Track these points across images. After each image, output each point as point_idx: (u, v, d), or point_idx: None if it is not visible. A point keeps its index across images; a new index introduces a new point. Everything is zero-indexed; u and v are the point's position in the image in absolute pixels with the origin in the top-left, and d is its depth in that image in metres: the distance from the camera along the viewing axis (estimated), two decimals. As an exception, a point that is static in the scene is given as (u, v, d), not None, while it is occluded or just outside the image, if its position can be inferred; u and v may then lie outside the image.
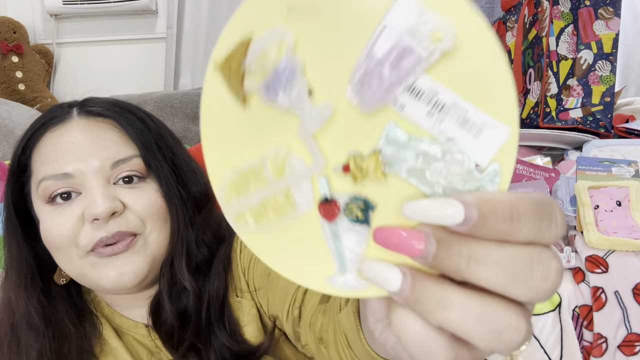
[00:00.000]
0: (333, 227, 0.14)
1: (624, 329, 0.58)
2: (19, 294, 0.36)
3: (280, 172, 0.15)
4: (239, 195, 0.15)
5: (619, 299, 0.58)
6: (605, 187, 0.66)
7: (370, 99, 0.13)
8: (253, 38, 0.14)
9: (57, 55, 1.56)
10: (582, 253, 0.62)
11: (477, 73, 0.12)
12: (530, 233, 0.12)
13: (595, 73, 0.78)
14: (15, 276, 0.36)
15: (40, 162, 0.35)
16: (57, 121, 0.36)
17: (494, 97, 0.12)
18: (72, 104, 0.39)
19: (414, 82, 0.13)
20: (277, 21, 0.14)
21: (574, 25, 0.78)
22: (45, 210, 0.35)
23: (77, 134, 0.35)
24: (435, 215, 0.12)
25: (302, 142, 0.14)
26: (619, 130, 0.81)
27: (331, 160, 0.14)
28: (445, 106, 0.13)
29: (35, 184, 0.35)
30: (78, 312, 0.38)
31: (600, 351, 0.57)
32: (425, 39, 0.12)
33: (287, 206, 0.15)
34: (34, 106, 1.44)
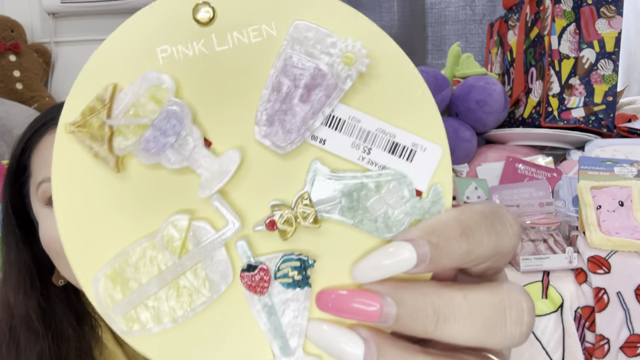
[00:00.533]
0: (265, 300, 0.12)
1: (627, 330, 0.57)
2: (18, 296, 0.35)
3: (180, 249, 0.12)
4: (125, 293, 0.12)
5: (621, 300, 0.58)
6: (607, 187, 0.66)
7: (285, 139, 0.11)
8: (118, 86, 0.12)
9: (55, 54, 1.56)
10: (585, 254, 0.61)
11: (396, 93, 0.11)
12: (489, 243, 0.11)
13: (598, 72, 0.77)
14: (15, 278, 0.35)
15: (40, 163, 0.35)
16: (57, 121, 0.35)
17: (419, 117, 0.11)
18: None
19: (332, 113, 0.11)
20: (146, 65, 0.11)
21: (576, 24, 0.78)
22: (45, 213, 0.34)
23: None
24: (388, 268, 0.11)
25: (207, 204, 0.12)
26: (621, 129, 0.81)
27: (249, 218, 0.12)
28: (370, 134, 0.11)
29: (35, 186, 0.35)
30: (77, 314, 0.37)
31: (603, 352, 0.57)
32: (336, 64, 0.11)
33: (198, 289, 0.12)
34: (31, 105, 1.43)
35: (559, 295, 0.59)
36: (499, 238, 0.12)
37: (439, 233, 0.11)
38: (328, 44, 0.11)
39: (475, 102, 0.80)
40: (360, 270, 0.11)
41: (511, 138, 0.83)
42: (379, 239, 0.12)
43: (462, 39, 1.43)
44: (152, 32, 0.12)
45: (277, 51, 0.11)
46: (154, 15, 0.12)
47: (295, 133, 0.11)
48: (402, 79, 0.11)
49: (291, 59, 0.11)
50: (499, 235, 0.12)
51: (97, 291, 0.12)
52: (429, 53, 1.45)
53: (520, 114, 0.88)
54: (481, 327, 0.11)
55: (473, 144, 0.81)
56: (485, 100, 0.80)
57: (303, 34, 0.11)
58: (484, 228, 0.11)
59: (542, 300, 0.59)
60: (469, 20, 1.43)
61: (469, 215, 0.11)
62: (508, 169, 0.74)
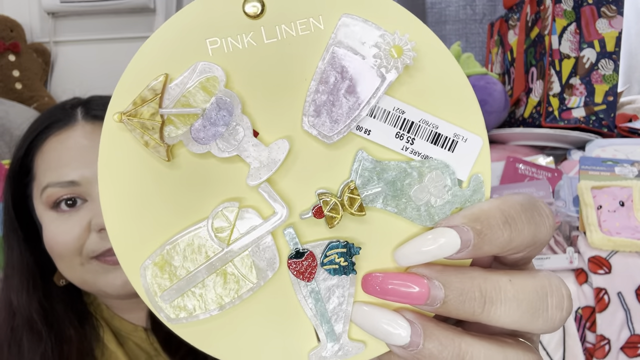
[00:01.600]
0: (312, 286, 0.12)
1: (627, 331, 0.57)
2: (21, 297, 0.35)
3: (229, 237, 0.12)
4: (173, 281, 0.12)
5: (622, 300, 0.58)
6: (608, 187, 0.66)
7: (332, 129, 0.11)
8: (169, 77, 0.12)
9: (54, 54, 1.55)
10: (585, 254, 0.61)
11: (439, 86, 0.12)
12: (529, 232, 0.12)
13: (598, 72, 0.77)
14: (18, 279, 0.35)
15: (44, 167, 0.35)
16: (62, 125, 0.35)
17: (460, 109, 0.12)
18: (75, 104, 0.38)
19: (377, 104, 0.11)
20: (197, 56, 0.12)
21: (577, 24, 0.78)
22: (50, 217, 0.34)
23: (82, 139, 0.35)
24: (430, 252, 0.11)
25: (255, 192, 0.12)
26: (622, 129, 0.81)
27: (296, 206, 0.12)
28: (414, 124, 0.12)
29: (39, 190, 0.34)
30: (78, 314, 0.37)
31: (603, 353, 0.57)
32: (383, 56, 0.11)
33: (245, 276, 0.12)
34: (31, 105, 1.43)
35: (559, 296, 0.59)
36: (538, 229, 0.12)
37: (482, 220, 0.11)
38: (375, 36, 0.11)
39: (475, 102, 0.80)
40: (402, 254, 0.11)
41: (512, 138, 0.83)
42: (422, 227, 0.12)
43: (462, 38, 1.43)
44: (202, 24, 0.12)
45: (325, 44, 0.12)
46: (204, 8, 0.12)
47: (342, 123, 0.11)
48: (445, 72, 0.12)
49: (338, 52, 0.11)
50: (537, 226, 0.12)
51: (145, 279, 0.12)
52: (429, 53, 1.44)
53: (520, 113, 0.88)
54: (526, 311, 0.11)
55: (473, 144, 0.81)
56: (486, 100, 0.80)
57: (351, 27, 0.11)
58: (525, 218, 0.12)
59: (543, 301, 0.59)
60: (470, 20, 1.42)
61: (511, 205, 0.12)
62: (508, 169, 0.73)
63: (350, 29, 0.11)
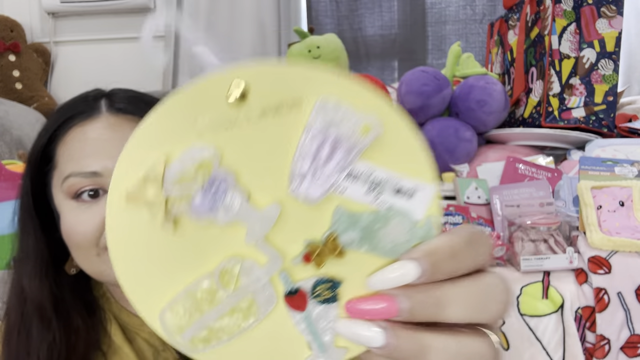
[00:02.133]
0: (305, 314, 0.15)
1: (627, 331, 0.57)
2: (33, 283, 0.35)
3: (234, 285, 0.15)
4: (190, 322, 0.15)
5: (622, 300, 0.58)
6: (608, 187, 0.66)
7: (315, 192, 0.14)
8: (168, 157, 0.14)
9: (54, 54, 1.55)
10: (585, 254, 0.61)
11: (401, 150, 0.15)
12: (471, 262, 0.16)
13: (598, 72, 0.77)
14: (31, 265, 0.35)
15: (67, 157, 0.35)
16: (85, 116, 0.36)
17: (418, 166, 0.15)
18: (98, 95, 0.38)
19: (352, 168, 0.14)
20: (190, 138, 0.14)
21: (577, 24, 0.78)
22: (69, 206, 0.34)
23: (105, 131, 0.35)
24: (396, 279, 0.15)
25: (252, 247, 0.15)
26: (622, 129, 0.81)
27: (288, 254, 0.15)
28: (381, 181, 0.15)
29: (61, 179, 0.35)
30: (86, 305, 0.38)
31: (603, 353, 0.57)
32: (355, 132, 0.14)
33: (249, 311, 0.15)
34: (31, 105, 1.43)
35: (559, 296, 0.59)
36: (478, 257, 0.16)
37: (435, 254, 0.15)
38: (349, 116, 0.14)
39: (475, 102, 0.80)
40: (375, 282, 0.15)
41: (511, 138, 0.83)
42: (389, 260, 0.15)
43: (462, 38, 1.43)
44: (194, 105, 0.14)
45: (306, 121, 0.14)
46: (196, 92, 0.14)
47: (322, 189, 0.14)
48: (406, 138, 0.15)
49: (318, 128, 0.14)
50: (478, 254, 0.16)
51: (165, 323, 0.15)
52: (429, 53, 1.45)
53: (520, 113, 0.88)
54: (473, 308, 0.15)
55: (473, 144, 0.81)
56: (486, 100, 0.80)
57: (328, 107, 0.14)
58: (467, 251, 0.15)
59: (543, 301, 0.59)
60: (469, 20, 1.42)
61: (457, 241, 0.15)
62: (508, 169, 0.73)
63: (328, 108, 0.14)
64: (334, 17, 1.47)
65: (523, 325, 0.59)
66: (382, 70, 1.49)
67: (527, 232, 0.64)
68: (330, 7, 1.47)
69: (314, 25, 1.44)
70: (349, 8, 1.46)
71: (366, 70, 1.49)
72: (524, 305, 0.59)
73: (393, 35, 1.46)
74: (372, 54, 1.47)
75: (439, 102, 0.81)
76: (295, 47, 0.88)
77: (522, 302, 0.59)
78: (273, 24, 1.45)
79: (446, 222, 0.70)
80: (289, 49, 0.90)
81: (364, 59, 1.48)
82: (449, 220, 0.70)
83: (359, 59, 1.48)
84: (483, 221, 0.70)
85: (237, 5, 1.46)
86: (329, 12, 1.47)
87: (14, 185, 0.79)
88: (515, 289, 0.60)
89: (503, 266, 0.65)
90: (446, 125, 0.80)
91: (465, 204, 0.71)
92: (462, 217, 0.69)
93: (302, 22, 1.48)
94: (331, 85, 0.14)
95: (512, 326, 0.59)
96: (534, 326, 0.59)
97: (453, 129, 0.79)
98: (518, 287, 0.60)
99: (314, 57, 0.84)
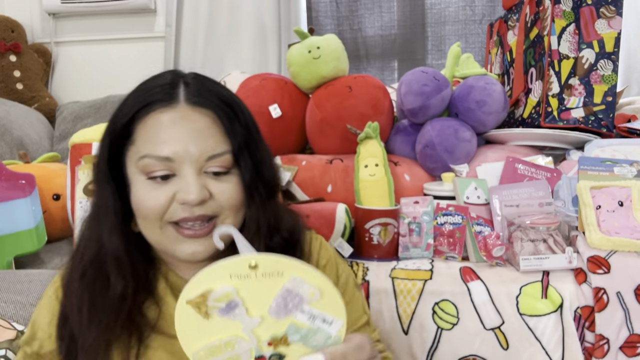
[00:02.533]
0: None
1: (626, 330, 0.57)
2: (113, 237, 0.41)
3: (233, 346, 0.30)
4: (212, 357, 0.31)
5: (621, 300, 0.58)
6: (607, 187, 0.66)
7: (281, 314, 0.30)
8: (211, 290, 0.29)
9: (55, 54, 1.56)
10: (584, 254, 0.61)
11: (328, 301, 0.30)
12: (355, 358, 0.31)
13: (597, 72, 0.78)
14: (110, 220, 0.41)
15: (145, 138, 0.40)
16: (165, 104, 0.40)
17: (336, 309, 0.30)
18: (176, 83, 0.42)
19: (302, 307, 0.30)
20: (225, 280, 0.29)
21: (576, 24, 0.78)
22: (141, 181, 0.40)
23: (181, 120, 0.40)
24: None
25: (244, 333, 0.30)
26: (621, 129, 0.81)
27: (261, 339, 0.30)
28: (316, 315, 0.30)
29: (137, 156, 0.40)
30: (146, 261, 0.43)
31: (602, 352, 0.57)
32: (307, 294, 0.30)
33: None
34: (32, 105, 1.43)
35: (558, 295, 0.59)
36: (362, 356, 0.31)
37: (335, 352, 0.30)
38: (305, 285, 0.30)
39: (475, 103, 0.80)
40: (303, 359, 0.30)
41: (511, 138, 0.83)
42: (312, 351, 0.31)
43: (461, 39, 1.43)
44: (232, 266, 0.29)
45: (283, 283, 0.29)
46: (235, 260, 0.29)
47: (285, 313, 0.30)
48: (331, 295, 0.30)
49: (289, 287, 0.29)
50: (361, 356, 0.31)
51: (195, 356, 0.30)
52: (429, 53, 1.45)
53: (520, 114, 0.88)
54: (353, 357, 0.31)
55: (473, 144, 0.81)
56: (485, 101, 0.80)
57: (297, 280, 0.29)
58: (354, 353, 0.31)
59: (542, 300, 0.59)
60: (469, 21, 1.43)
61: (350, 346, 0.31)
62: (508, 169, 0.74)
63: (295, 280, 0.29)
64: (334, 18, 1.48)
65: (522, 325, 0.59)
66: (382, 70, 1.49)
67: (527, 232, 0.64)
68: (330, 7, 1.48)
69: (314, 26, 1.44)
70: (349, 9, 1.46)
71: (366, 70, 1.49)
72: (523, 305, 0.59)
73: (393, 35, 1.46)
74: (372, 55, 1.48)
75: (439, 103, 0.81)
76: (295, 47, 0.88)
77: (521, 302, 0.59)
78: (273, 25, 1.46)
79: (446, 222, 0.71)
80: (289, 49, 0.90)
81: (364, 60, 1.48)
82: (449, 220, 0.70)
83: (359, 59, 1.48)
84: (483, 221, 0.70)
85: (238, 6, 1.46)
86: (329, 13, 1.48)
87: (15, 185, 0.79)
88: (515, 288, 0.60)
89: (502, 266, 0.65)
90: (446, 125, 0.80)
91: (465, 204, 0.71)
92: (461, 217, 0.70)
93: (302, 22, 1.48)
94: (300, 269, 0.29)
95: (512, 326, 0.59)
96: (533, 326, 0.59)
97: (453, 129, 0.79)
98: (517, 287, 0.60)
99: (314, 58, 0.84)
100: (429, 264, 0.66)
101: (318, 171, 0.79)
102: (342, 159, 0.81)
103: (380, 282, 0.63)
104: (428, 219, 0.70)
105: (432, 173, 0.82)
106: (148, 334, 0.41)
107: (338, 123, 0.81)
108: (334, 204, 0.71)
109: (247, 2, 1.47)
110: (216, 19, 1.47)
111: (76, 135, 0.87)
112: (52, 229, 0.86)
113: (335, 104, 0.81)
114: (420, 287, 0.62)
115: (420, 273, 0.64)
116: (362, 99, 0.81)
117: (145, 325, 0.41)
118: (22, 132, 1.25)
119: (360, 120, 0.79)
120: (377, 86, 0.84)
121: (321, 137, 0.84)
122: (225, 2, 1.47)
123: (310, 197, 0.76)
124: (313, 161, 0.80)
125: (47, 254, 0.82)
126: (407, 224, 0.70)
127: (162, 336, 0.42)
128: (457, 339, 0.60)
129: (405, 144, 0.86)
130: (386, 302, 0.62)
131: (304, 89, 0.89)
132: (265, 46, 1.48)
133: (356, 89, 0.82)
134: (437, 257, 0.70)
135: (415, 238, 0.70)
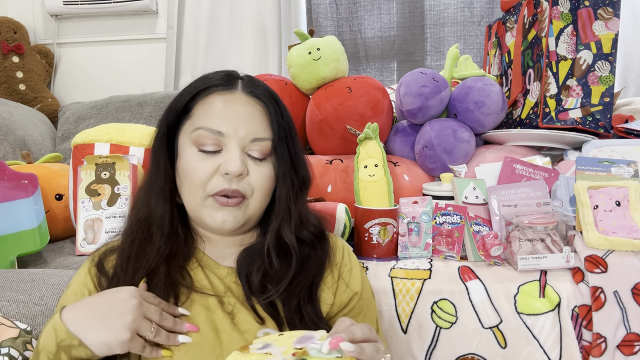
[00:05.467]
0: None
1: (623, 329, 0.58)
2: (159, 201, 0.46)
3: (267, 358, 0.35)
4: None
5: (618, 299, 0.58)
6: (604, 187, 0.66)
7: None
8: None
9: (57, 56, 1.57)
10: (582, 253, 0.62)
11: None
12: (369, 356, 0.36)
13: (595, 73, 0.78)
14: (160, 186, 0.46)
15: (202, 113, 0.46)
16: (225, 88, 0.47)
17: None
18: (235, 75, 0.49)
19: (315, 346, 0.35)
20: None
21: (574, 26, 0.78)
22: (192, 151, 0.45)
23: (236, 104, 0.46)
24: None
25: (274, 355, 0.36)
26: (618, 130, 0.81)
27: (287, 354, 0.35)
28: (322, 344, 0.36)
29: (192, 128, 0.45)
30: (185, 230, 0.48)
31: (600, 351, 0.57)
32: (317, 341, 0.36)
33: None
34: (34, 106, 1.44)
35: (556, 294, 0.60)
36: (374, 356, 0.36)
37: None
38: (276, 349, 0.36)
39: (473, 103, 0.81)
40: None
41: (509, 139, 0.84)
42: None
43: (460, 40, 1.44)
44: None
45: None
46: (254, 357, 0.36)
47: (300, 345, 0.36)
48: None
49: None
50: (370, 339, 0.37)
51: None
52: (428, 54, 1.46)
53: (518, 114, 0.88)
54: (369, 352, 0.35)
55: (471, 145, 0.81)
56: (484, 102, 0.81)
57: None
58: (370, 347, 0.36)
59: (540, 299, 0.60)
60: (467, 22, 1.43)
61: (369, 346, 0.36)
62: (506, 169, 0.74)
63: None
64: (333, 20, 1.48)
65: (520, 324, 0.59)
66: (381, 71, 1.49)
67: (525, 232, 0.64)
68: (330, 9, 1.48)
69: (314, 27, 1.45)
70: (348, 10, 1.47)
71: (365, 71, 1.50)
72: (521, 304, 0.60)
73: (392, 37, 1.47)
74: (372, 56, 1.48)
75: (438, 103, 0.82)
76: (296, 49, 0.88)
77: (519, 301, 0.60)
78: (274, 26, 1.47)
79: (444, 222, 0.71)
80: (289, 50, 0.90)
81: (364, 61, 1.49)
82: (448, 220, 0.71)
83: (358, 60, 1.49)
84: (481, 220, 0.71)
85: (238, 8, 1.47)
86: (329, 15, 1.48)
87: (18, 185, 0.79)
88: (513, 287, 0.61)
89: (501, 265, 0.65)
90: (444, 126, 0.80)
91: (464, 203, 0.71)
92: (460, 216, 0.70)
93: (302, 24, 1.49)
94: None
95: (509, 325, 0.60)
96: (531, 325, 0.59)
97: (451, 129, 0.80)
98: (515, 286, 0.61)
99: (314, 59, 0.85)
100: (428, 264, 0.66)
101: (318, 171, 0.79)
102: (341, 159, 0.82)
103: (380, 282, 0.63)
104: (427, 218, 0.71)
105: (431, 173, 0.83)
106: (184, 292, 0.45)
107: (338, 124, 0.81)
108: (334, 203, 0.71)
109: (248, 3, 1.47)
110: (217, 21, 1.48)
111: (78, 136, 0.88)
112: (55, 229, 0.87)
113: (335, 104, 0.82)
114: (419, 286, 0.62)
115: (419, 272, 0.64)
116: (361, 100, 0.81)
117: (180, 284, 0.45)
118: (25, 132, 1.25)
119: (359, 121, 0.80)
120: (377, 87, 0.85)
121: (321, 137, 0.85)
122: (226, 4, 1.47)
123: (311, 197, 0.77)
124: (313, 161, 0.81)
125: (49, 254, 0.83)
126: (406, 224, 0.70)
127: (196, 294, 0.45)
128: (455, 338, 0.61)
129: (405, 145, 0.87)
130: (385, 302, 0.63)
131: (304, 89, 0.90)
132: (265, 47, 1.49)
133: (356, 90, 0.83)
134: (435, 256, 0.70)
135: (414, 238, 0.70)
